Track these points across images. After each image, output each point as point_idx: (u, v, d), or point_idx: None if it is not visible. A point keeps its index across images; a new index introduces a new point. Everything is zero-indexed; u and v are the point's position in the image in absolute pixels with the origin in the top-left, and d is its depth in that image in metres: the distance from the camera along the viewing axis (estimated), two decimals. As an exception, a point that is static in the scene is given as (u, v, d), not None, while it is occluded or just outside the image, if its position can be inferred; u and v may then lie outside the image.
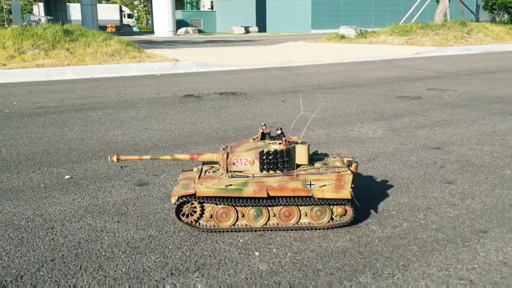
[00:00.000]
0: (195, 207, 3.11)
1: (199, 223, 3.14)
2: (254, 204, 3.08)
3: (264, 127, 3.23)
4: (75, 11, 52.44)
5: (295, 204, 3.07)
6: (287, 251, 2.88)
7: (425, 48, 19.56)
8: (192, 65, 14.01)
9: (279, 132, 3.18)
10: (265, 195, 3.03)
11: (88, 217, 3.40)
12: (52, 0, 49.63)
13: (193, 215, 3.12)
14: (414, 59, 15.86)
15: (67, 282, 2.56)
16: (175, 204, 3.09)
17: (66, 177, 4.29)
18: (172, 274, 2.63)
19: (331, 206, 3.12)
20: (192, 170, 3.43)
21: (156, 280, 2.57)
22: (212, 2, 61.50)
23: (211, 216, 3.13)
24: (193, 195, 3.06)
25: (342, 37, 24.88)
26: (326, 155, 3.45)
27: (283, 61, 15.50)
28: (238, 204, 3.08)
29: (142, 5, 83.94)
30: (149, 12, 65.26)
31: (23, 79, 11.68)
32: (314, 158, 3.36)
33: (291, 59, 16.28)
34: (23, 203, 3.68)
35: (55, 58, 13.40)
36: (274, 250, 2.90)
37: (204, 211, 3.13)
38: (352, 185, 3.07)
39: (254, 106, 7.68)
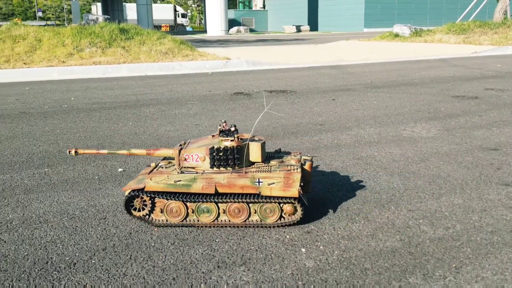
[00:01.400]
0: (145, 201, 3.13)
1: (151, 217, 3.16)
2: (201, 200, 3.05)
3: (224, 124, 3.22)
4: (131, 11, 53.91)
5: (241, 201, 3.05)
6: (334, 249, 2.85)
7: (483, 47, 18.87)
8: (243, 63, 14.09)
9: (233, 129, 3.18)
10: (213, 192, 3.02)
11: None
12: (109, 0, 51.17)
13: (144, 209, 3.15)
14: (471, 58, 15.32)
15: (117, 270, 2.62)
16: (125, 198, 3.13)
17: (119, 170, 4.41)
18: (218, 267, 2.65)
19: (280, 204, 3.08)
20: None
21: (203, 272, 2.59)
22: (264, 1, 61.68)
23: (162, 211, 3.14)
24: (143, 190, 3.09)
25: (396, 35, 24.37)
26: (288, 153, 3.41)
27: (334, 60, 15.35)
28: (187, 200, 3.07)
29: (195, 5, 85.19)
30: (202, 12, 66.17)
31: (80, 76, 12.11)
32: (274, 156, 3.34)
33: (343, 57, 16.10)
34: (78, 194, 3.80)
35: (111, 56, 13.81)
36: (321, 247, 2.86)
37: (155, 206, 3.15)
38: (301, 184, 3.02)
39: (304, 104, 7.64)
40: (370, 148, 5.05)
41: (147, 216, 3.16)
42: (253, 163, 3.18)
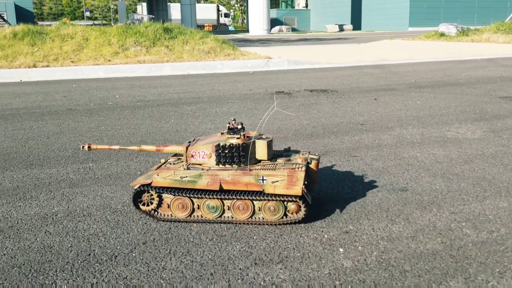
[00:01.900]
0: (153, 196, 3.20)
1: (158, 212, 3.23)
2: (207, 197, 3.10)
3: (233, 121, 3.24)
4: (175, 11, 54.65)
5: (245, 198, 3.07)
6: (373, 249, 2.81)
7: (534, 46, 18.19)
8: (284, 62, 14.07)
9: (239, 126, 3.21)
10: (217, 188, 3.05)
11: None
12: (154, 0, 52.06)
13: (151, 204, 3.22)
14: (521, 58, 14.79)
15: (156, 264, 2.67)
16: (133, 192, 3.22)
17: (160, 166, 4.48)
18: (256, 264, 2.66)
19: (284, 202, 3.08)
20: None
21: (240, 269, 2.61)
22: (306, 0, 61.40)
23: (169, 206, 3.20)
24: (150, 185, 3.16)
25: (442, 35, 23.79)
26: (297, 152, 3.42)
27: (377, 59, 15.12)
28: (193, 196, 3.12)
29: (238, 5, 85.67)
30: (245, 11, 66.46)
31: (125, 74, 12.37)
32: (283, 154, 3.36)
33: (386, 57, 15.84)
34: (120, 189, 3.89)
35: (155, 55, 14.06)
36: (360, 248, 2.83)
37: (162, 201, 3.21)
38: (305, 182, 3.00)
39: (345, 104, 7.56)
40: (412, 148, 4.96)
41: (154, 211, 3.23)
42: (260, 161, 3.19)
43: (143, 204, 3.24)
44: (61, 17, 73.37)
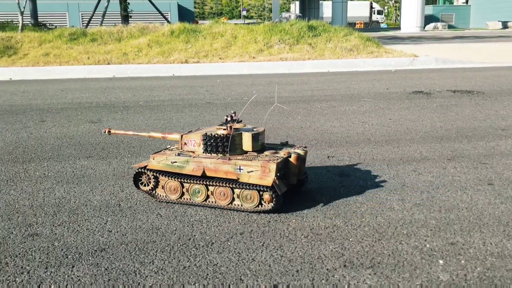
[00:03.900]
0: (150, 178, 3.53)
1: (156, 192, 3.54)
2: (192, 182, 3.36)
3: (233, 114, 3.50)
4: (327, 9, 54.76)
5: (220, 185, 3.29)
6: (477, 265, 2.56)
7: None
8: (431, 61, 13.34)
9: (229, 118, 3.47)
10: (200, 174, 3.30)
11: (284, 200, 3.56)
12: (306, -1, 52.76)
13: (149, 185, 3.55)
14: None
15: (247, 255, 2.74)
16: (133, 174, 3.62)
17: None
18: (345, 266, 2.59)
19: (260, 192, 3.21)
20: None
21: (327, 269, 2.56)
22: (468, -5, 57.29)
23: (163, 188, 3.50)
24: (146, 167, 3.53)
25: None
26: (292, 146, 3.59)
27: (540, 59, 13.63)
28: (181, 180, 3.40)
29: (392, 1, 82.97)
30: (399, 8, 64.16)
31: (267, 71, 12.75)
32: (276, 147, 3.53)
33: (552, 56, 14.20)
34: (233, 180, 4.04)
35: (298, 52, 14.26)
36: (463, 261, 2.60)
37: (158, 183, 3.52)
38: (278, 174, 3.14)
39: (489, 107, 6.94)
40: (556, 159, 4.40)
41: (152, 191, 3.55)
42: (246, 152, 3.37)
43: (142, 184, 3.59)
44: (220, 16, 77.74)
